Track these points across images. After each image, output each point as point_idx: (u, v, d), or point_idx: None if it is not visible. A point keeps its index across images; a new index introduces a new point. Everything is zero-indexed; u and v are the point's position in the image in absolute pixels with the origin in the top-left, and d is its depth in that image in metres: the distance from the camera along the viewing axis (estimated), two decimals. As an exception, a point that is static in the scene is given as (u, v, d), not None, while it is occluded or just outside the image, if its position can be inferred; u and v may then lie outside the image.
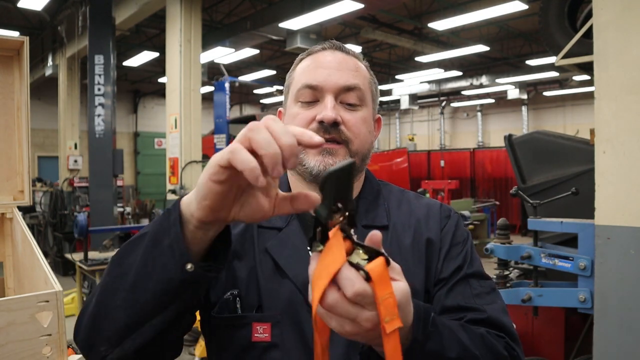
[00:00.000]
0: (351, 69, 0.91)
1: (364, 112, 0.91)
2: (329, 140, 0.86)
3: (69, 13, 8.35)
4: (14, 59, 1.32)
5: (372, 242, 0.54)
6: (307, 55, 0.96)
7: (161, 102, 16.11)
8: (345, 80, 0.89)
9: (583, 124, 14.08)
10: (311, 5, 6.61)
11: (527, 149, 3.49)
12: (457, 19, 8.23)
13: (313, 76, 0.89)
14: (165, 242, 0.64)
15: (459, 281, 0.87)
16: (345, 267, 0.51)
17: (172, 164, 6.45)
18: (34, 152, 13.51)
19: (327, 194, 0.54)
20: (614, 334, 2.31)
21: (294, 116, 0.90)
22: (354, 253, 0.54)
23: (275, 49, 11.82)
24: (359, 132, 0.89)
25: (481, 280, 0.89)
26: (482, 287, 0.87)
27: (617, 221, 2.29)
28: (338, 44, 0.95)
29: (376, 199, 0.96)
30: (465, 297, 0.85)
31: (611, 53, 2.32)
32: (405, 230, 0.92)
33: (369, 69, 0.98)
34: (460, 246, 0.92)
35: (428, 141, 19.55)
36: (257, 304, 0.84)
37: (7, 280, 1.39)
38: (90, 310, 0.71)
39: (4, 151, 1.32)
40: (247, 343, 0.83)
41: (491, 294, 0.87)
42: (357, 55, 0.96)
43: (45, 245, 8.42)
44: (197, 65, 6.50)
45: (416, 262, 0.89)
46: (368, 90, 0.94)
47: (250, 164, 0.52)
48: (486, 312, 0.82)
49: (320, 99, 0.89)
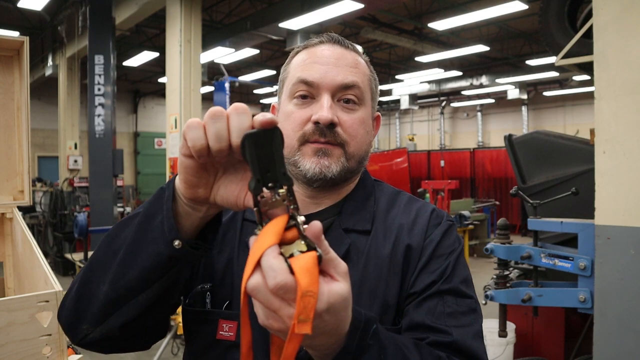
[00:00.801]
0: (350, 65, 0.85)
1: (362, 112, 0.86)
2: (324, 143, 0.82)
3: (69, 13, 8.35)
4: (14, 59, 1.32)
5: (311, 233, 0.50)
6: (304, 48, 0.90)
7: (161, 102, 16.11)
8: (343, 78, 0.83)
9: (583, 124, 14.08)
10: (311, 5, 6.61)
11: (527, 149, 3.49)
12: (457, 19, 8.23)
13: (309, 71, 0.84)
14: (157, 219, 0.65)
15: (430, 296, 0.78)
16: (272, 255, 0.47)
17: (172, 164, 6.45)
18: (34, 152, 13.51)
19: (251, 163, 0.51)
20: (614, 334, 2.31)
21: (288, 115, 0.85)
22: (294, 243, 0.50)
23: (275, 49, 11.82)
24: (356, 134, 0.84)
25: (459, 298, 0.79)
26: (458, 306, 0.78)
27: (617, 221, 2.29)
28: (337, 36, 0.89)
29: (365, 201, 0.90)
30: (433, 315, 0.76)
31: (611, 53, 2.32)
32: (386, 237, 0.85)
33: (369, 64, 0.92)
34: (442, 259, 0.82)
35: (428, 141, 19.54)
36: (229, 299, 0.82)
37: (7, 280, 1.39)
38: (76, 289, 0.72)
39: (4, 151, 1.32)
40: (212, 339, 0.81)
41: (467, 315, 0.78)
42: (357, 50, 0.91)
43: (45, 245, 8.41)
44: (197, 65, 6.49)
45: (392, 273, 0.81)
46: (367, 88, 0.88)
47: (195, 143, 0.55)
48: (452, 335, 0.74)
49: (316, 96, 0.84)
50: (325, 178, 0.82)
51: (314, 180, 0.83)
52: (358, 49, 0.91)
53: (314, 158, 0.82)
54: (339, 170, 0.83)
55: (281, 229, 0.50)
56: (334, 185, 0.86)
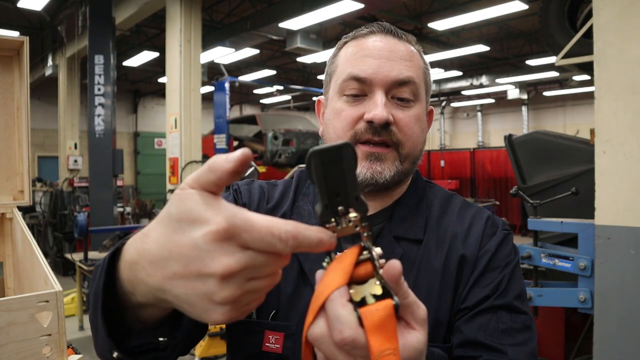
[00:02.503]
0: (405, 58, 0.78)
1: (417, 109, 0.79)
2: (378, 143, 0.77)
3: (69, 13, 8.34)
4: (14, 59, 1.32)
5: (388, 275, 0.41)
6: (352, 39, 0.83)
7: (161, 102, 16.10)
8: (398, 73, 0.77)
9: (583, 124, 14.08)
10: (311, 5, 6.61)
11: (527, 149, 3.49)
12: (457, 19, 8.22)
13: (360, 66, 0.77)
14: (97, 318, 0.52)
15: (483, 311, 0.73)
16: (339, 302, 0.40)
17: (172, 164, 6.45)
18: (34, 152, 13.51)
19: (317, 185, 0.43)
20: (614, 334, 2.30)
21: (338, 112, 0.79)
22: (367, 283, 0.42)
23: (275, 49, 11.81)
24: (411, 133, 0.78)
25: (513, 314, 0.74)
26: (513, 322, 0.73)
27: (617, 221, 2.29)
28: (388, 26, 0.82)
29: (418, 205, 0.83)
30: (486, 331, 0.71)
31: (611, 53, 2.32)
32: (439, 247, 0.78)
33: (422, 54, 0.84)
34: (497, 272, 0.76)
35: (428, 141, 19.52)
36: (275, 309, 0.77)
37: (7, 280, 1.39)
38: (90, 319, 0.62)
39: (4, 151, 1.32)
40: (257, 351, 0.76)
41: (522, 333, 0.72)
42: (410, 39, 0.83)
43: (45, 245, 8.41)
44: (197, 65, 6.49)
45: (445, 287, 0.76)
46: (422, 82, 0.81)
47: None
48: (507, 354, 0.69)
49: (369, 93, 0.77)
50: (377, 184, 0.77)
51: (365, 186, 0.78)
52: (411, 38, 0.84)
53: (366, 162, 0.77)
54: (392, 175, 0.78)
55: (351, 265, 0.42)
56: (386, 189, 0.81)
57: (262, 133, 8.69)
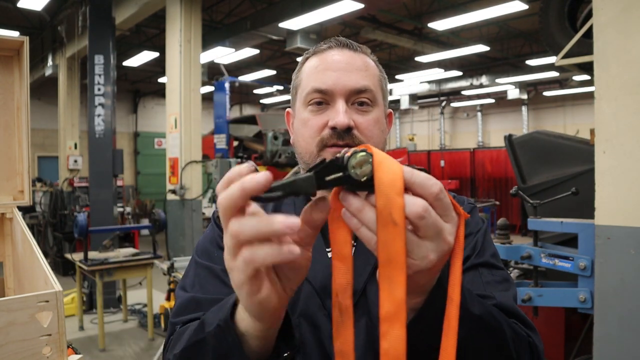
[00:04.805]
0: (361, 69, 0.88)
1: (375, 113, 0.88)
2: (343, 147, 0.84)
3: (69, 13, 8.34)
4: (14, 59, 1.32)
5: None
6: (314, 54, 0.93)
7: (161, 102, 16.10)
8: (355, 83, 0.86)
9: (583, 124, 14.08)
10: (311, 5, 6.61)
11: (527, 149, 3.49)
12: (457, 19, 8.23)
13: (322, 79, 0.86)
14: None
15: (466, 270, 0.83)
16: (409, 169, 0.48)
17: (172, 164, 6.45)
18: (34, 152, 13.51)
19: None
20: (614, 334, 2.31)
21: (305, 122, 0.88)
22: None
23: (275, 49, 11.81)
24: (372, 135, 0.87)
25: (492, 269, 0.85)
26: (493, 276, 0.84)
27: (617, 221, 2.29)
28: (344, 40, 0.91)
29: None
30: (473, 285, 0.81)
31: (611, 53, 2.32)
32: None
33: (377, 63, 0.94)
34: (471, 237, 0.88)
35: (428, 141, 19.54)
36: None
37: (7, 280, 1.39)
38: None
39: (4, 151, 1.32)
40: None
41: (503, 284, 0.84)
42: (365, 50, 0.93)
43: (45, 245, 8.42)
44: (197, 65, 6.49)
45: None
46: (379, 89, 0.90)
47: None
48: (495, 298, 0.78)
49: (331, 102, 0.86)
50: None
51: None
52: (366, 50, 0.93)
53: None
54: None
55: None
56: None
57: (262, 133, 8.69)
